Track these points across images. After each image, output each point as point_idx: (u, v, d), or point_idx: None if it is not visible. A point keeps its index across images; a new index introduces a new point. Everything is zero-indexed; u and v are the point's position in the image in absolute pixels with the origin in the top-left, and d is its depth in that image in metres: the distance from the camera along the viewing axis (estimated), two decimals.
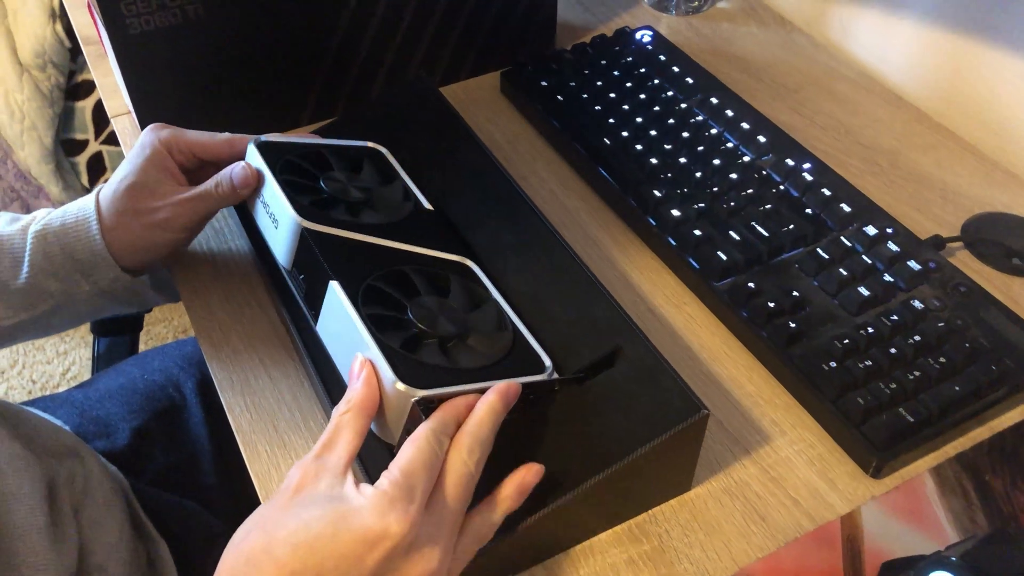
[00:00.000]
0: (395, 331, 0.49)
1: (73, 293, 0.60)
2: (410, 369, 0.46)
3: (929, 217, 0.72)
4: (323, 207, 0.58)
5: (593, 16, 0.95)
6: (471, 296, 0.55)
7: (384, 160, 0.65)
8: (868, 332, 0.60)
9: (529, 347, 0.53)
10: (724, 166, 0.72)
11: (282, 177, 0.58)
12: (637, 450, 0.49)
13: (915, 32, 0.84)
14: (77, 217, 0.59)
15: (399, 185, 0.63)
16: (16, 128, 1.41)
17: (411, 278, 0.54)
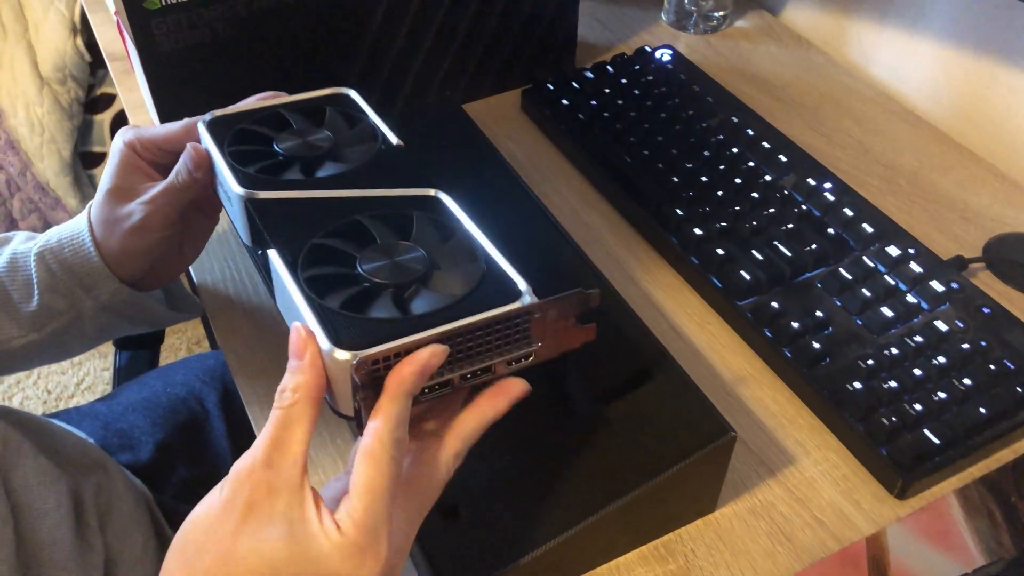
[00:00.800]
0: (341, 290, 0.44)
1: (79, 310, 0.58)
2: (351, 330, 0.41)
3: (950, 237, 0.72)
4: (274, 171, 0.53)
5: (612, 35, 0.96)
6: (439, 231, 0.48)
7: (351, 103, 0.59)
8: (892, 353, 0.60)
9: (502, 274, 0.45)
10: (745, 185, 0.72)
11: (231, 149, 0.54)
12: (665, 471, 0.49)
13: (934, 51, 0.85)
14: (71, 233, 0.58)
15: (365, 126, 0.57)
16: (36, 141, 1.42)
17: (366, 227, 0.48)
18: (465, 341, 0.42)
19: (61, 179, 1.46)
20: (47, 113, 1.40)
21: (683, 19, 0.97)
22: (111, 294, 0.58)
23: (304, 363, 0.39)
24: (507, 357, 0.44)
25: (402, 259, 0.45)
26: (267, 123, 0.57)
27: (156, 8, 0.66)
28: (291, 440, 0.38)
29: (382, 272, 0.44)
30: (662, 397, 0.52)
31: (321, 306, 0.42)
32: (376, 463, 0.38)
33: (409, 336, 0.40)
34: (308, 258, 0.45)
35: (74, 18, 1.38)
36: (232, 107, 0.58)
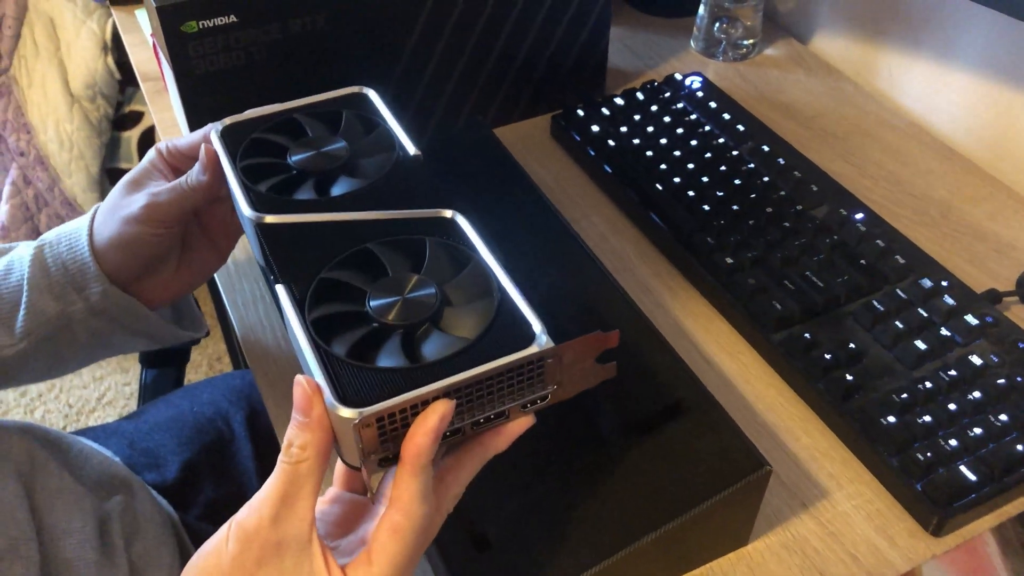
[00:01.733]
0: (349, 332, 0.42)
1: (70, 314, 0.56)
2: (357, 382, 0.39)
3: (983, 270, 0.72)
4: (286, 189, 0.51)
5: (642, 62, 0.96)
6: (452, 259, 0.46)
7: (368, 104, 0.58)
8: (926, 387, 0.59)
9: (516, 312, 0.43)
10: (777, 214, 0.72)
11: (244, 163, 0.53)
12: (700, 504, 0.49)
13: (965, 82, 0.84)
14: (72, 229, 0.57)
15: (381, 133, 0.55)
16: (65, 157, 1.44)
17: (377, 256, 0.46)
18: (477, 390, 0.40)
19: (88, 195, 1.47)
20: (77, 130, 1.42)
21: (712, 47, 0.97)
22: (101, 295, 0.56)
23: (312, 421, 0.38)
24: (521, 401, 0.42)
25: (413, 296, 0.43)
26: (281, 131, 0.55)
27: (193, 31, 0.67)
28: (299, 496, 0.38)
29: (392, 312, 0.42)
30: (696, 429, 0.52)
31: (327, 355, 0.40)
32: (402, 539, 0.38)
33: (417, 390, 0.39)
34: (315, 295, 0.44)
35: (106, 37, 1.40)
36: (247, 113, 0.57)
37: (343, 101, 0.58)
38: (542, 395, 0.42)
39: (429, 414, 0.38)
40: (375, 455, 0.39)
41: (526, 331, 0.41)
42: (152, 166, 0.57)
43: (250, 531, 0.38)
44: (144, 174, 0.57)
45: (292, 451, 0.38)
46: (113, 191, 0.56)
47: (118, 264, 0.56)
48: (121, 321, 0.58)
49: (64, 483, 0.60)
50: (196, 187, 0.55)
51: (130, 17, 1.00)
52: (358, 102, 0.58)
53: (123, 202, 0.55)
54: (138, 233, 0.54)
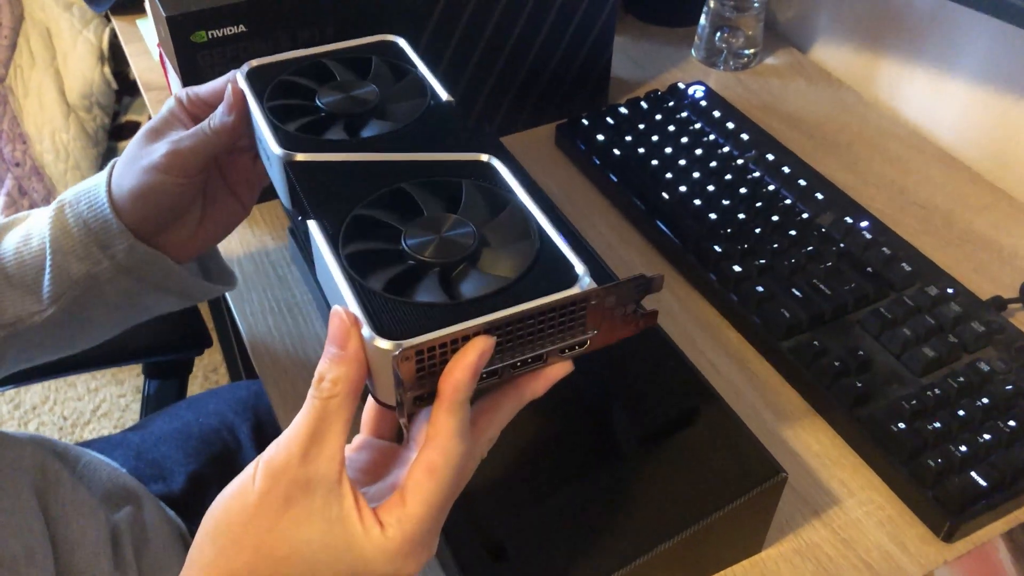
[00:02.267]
0: (385, 268, 0.41)
1: (96, 274, 0.54)
2: (395, 316, 0.38)
3: (987, 278, 0.72)
4: (316, 130, 0.50)
5: (644, 71, 0.97)
6: (489, 202, 0.45)
7: (399, 51, 0.57)
8: (935, 393, 0.60)
9: (558, 254, 0.42)
10: (783, 223, 0.73)
11: (271, 104, 0.51)
12: (716, 511, 0.49)
13: (965, 91, 0.85)
14: (91, 185, 0.54)
15: (413, 80, 0.54)
16: (60, 167, 1.43)
17: (411, 196, 0.45)
18: (517, 329, 0.39)
19: None
20: (73, 140, 1.41)
21: (713, 56, 0.97)
22: (127, 251, 0.53)
23: (347, 353, 0.37)
24: (560, 345, 0.41)
25: (450, 235, 0.42)
26: (309, 74, 0.54)
27: (202, 41, 0.67)
28: (329, 433, 0.37)
29: (429, 249, 0.41)
30: (711, 437, 0.52)
31: (364, 288, 0.39)
32: (438, 478, 0.37)
33: (457, 325, 0.37)
34: (350, 231, 0.43)
35: (103, 46, 1.39)
36: (274, 56, 0.55)
37: (372, 48, 0.57)
38: (581, 340, 0.41)
39: (468, 350, 0.37)
40: (411, 392, 0.38)
41: (568, 272, 0.41)
42: (172, 115, 0.55)
43: (278, 469, 0.37)
44: (164, 123, 0.54)
45: (323, 385, 0.37)
46: (132, 142, 0.54)
47: (141, 217, 0.53)
48: (149, 278, 0.56)
49: (77, 495, 0.59)
50: (220, 130, 0.52)
51: (131, 27, 1.00)
52: (388, 49, 0.57)
53: (143, 152, 0.53)
54: (161, 182, 0.52)
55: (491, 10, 0.77)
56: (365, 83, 0.53)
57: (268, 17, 0.68)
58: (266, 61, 0.54)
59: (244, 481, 0.38)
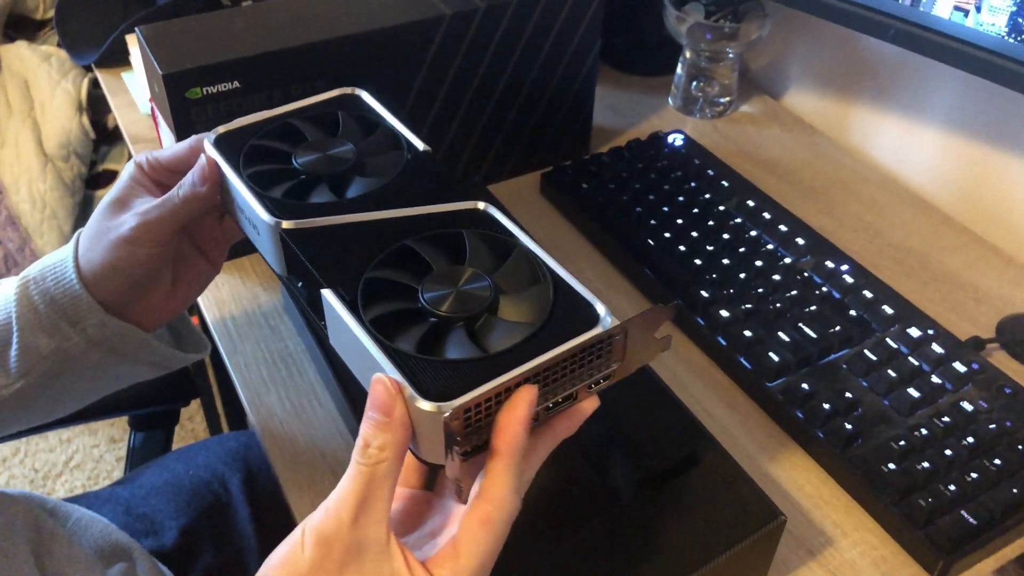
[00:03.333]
0: (410, 328, 0.41)
1: (66, 349, 0.53)
2: (433, 376, 0.39)
3: (964, 318, 0.75)
4: (300, 194, 0.50)
5: (623, 120, 0.99)
6: (493, 249, 0.46)
7: (362, 104, 0.57)
8: (922, 434, 0.61)
9: (575, 294, 0.43)
10: (766, 268, 0.75)
11: (249, 171, 0.51)
12: (717, 557, 0.50)
13: (935, 138, 0.88)
14: (56, 260, 0.53)
15: (385, 133, 0.54)
16: (37, 217, 1.42)
17: (418, 252, 0.46)
18: (551, 373, 0.40)
19: None
20: (49, 189, 1.41)
21: (690, 104, 1.00)
22: (97, 327, 0.53)
23: (393, 420, 0.37)
24: (588, 381, 0.42)
25: (466, 288, 0.43)
26: (280, 136, 0.54)
27: (197, 97, 0.68)
28: (378, 498, 0.38)
29: (448, 304, 0.42)
30: (710, 481, 0.53)
31: (396, 352, 0.40)
32: (493, 531, 0.38)
33: (499, 378, 0.38)
34: (366, 295, 0.43)
35: (81, 97, 1.40)
36: (238, 121, 0.55)
37: (335, 103, 0.57)
38: (606, 373, 0.43)
39: (518, 404, 0.38)
40: (459, 449, 0.38)
41: (589, 312, 0.42)
42: (134, 182, 0.54)
43: (329, 535, 0.37)
44: (127, 192, 0.54)
45: (370, 452, 0.38)
46: (95, 215, 0.54)
47: (111, 291, 0.53)
48: (122, 351, 0.55)
49: (71, 551, 0.59)
50: (190, 199, 0.52)
51: (116, 79, 1.01)
52: (351, 102, 0.57)
53: (110, 224, 0.52)
54: (132, 254, 0.52)
55: (478, 63, 0.79)
56: (339, 141, 0.53)
57: (262, 73, 0.69)
58: (233, 127, 0.54)
59: (292, 548, 0.38)
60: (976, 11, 0.65)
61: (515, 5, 0.77)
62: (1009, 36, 0.64)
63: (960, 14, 0.67)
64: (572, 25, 0.82)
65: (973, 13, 0.66)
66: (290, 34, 0.70)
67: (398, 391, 0.38)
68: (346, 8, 0.74)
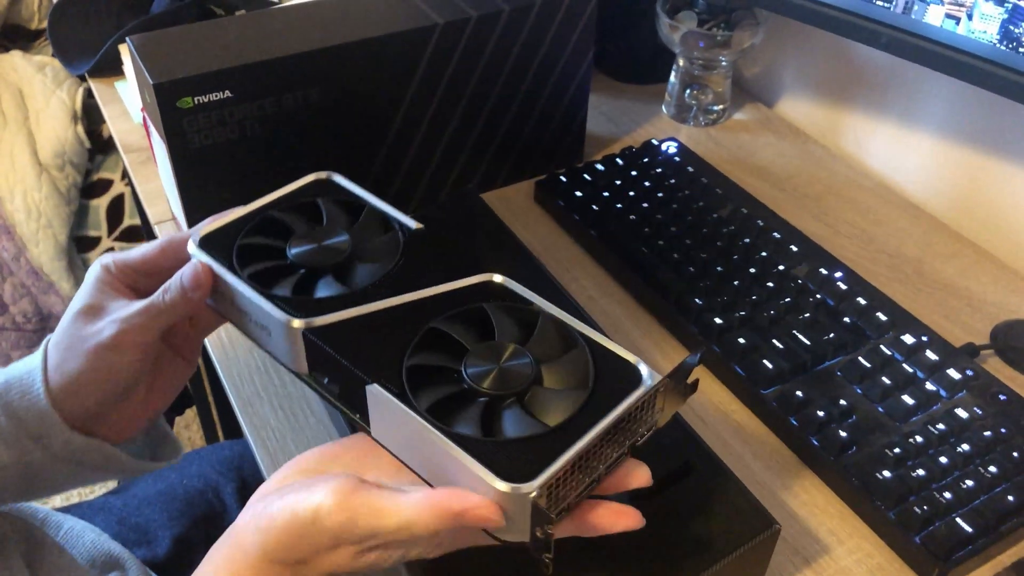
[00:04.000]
0: (466, 412, 0.42)
1: (28, 462, 0.50)
2: (508, 458, 0.40)
3: (958, 324, 0.75)
4: (308, 289, 0.49)
5: (617, 128, 0.99)
6: (519, 319, 0.47)
7: (338, 188, 0.56)
8: (917, 441, 0.61)
9: (609, 355, 0.45)
10: (760, 275, 0.75)
11: (247, 272, 0.50)
12: (713, 566, 0.50)
13: (928, 145, 0.89)
14: (23, 371, 0.50)
15: (373, 214, 0.54)
16: (32, 226, 1.42)
17: (447, 334, 0.46)
18: (609, 436, 0.42)
19: (56, 264, 1.45)
20: (45, 199, 1.41)
21: (684, 112, 1.00)
22: (62, 444, 0.50)
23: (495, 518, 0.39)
24: (638, 435, 0.44)
25: (509, 364, 0.44)
26: (266, 232, 0.52)
27: (188, 107, 0.68)
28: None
29: (490, 381, 0.43)
30: (705, 491, 0.53)
31: (463, 438, 0.41)
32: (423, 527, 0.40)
33: (570, 450, 0.40)
34: (413, 384, 0.43)
35: (76, 106, 1.40)
36: (216, 219, 0.53)
37: (310, 189, 0.56)
38: (651, 425, 0.44)
39: (620, 520, 0.42)
40: (547, 525, 0.39)
41: (630, 370, 0.44)
42: (104, 286, 0.51)
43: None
44: (98, 296, 0.50)
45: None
46: (64, 323, 0.50)
47: (84, 402, 0.50)
48: (89, 464, 0.52)
49: (64, 561, 0.59)
50: (178, 305, 0.49)
51: (109, 88, 1.01)
52: (325, 186, 0.56)
53: (85, 332, 0.49)
54: (112, 363, 0.49)
55: (470, 72, 0.79)
56: (330, 230, 0.52)
57: (254, 83, 0.69)
58: (213, 227, 0.52)
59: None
60: (968, 18, 0.66)
61: (508, 13, 0.77)
62: (1001, 43, 0.64)
63: (952, 22, 0.67)
64: (565, 33, 0.82)
65: (964, 20, 0.66)
66: (282, 43, 0.70)
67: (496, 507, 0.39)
68: (338, 17, 0.74)
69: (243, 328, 0.51)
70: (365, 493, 0.40)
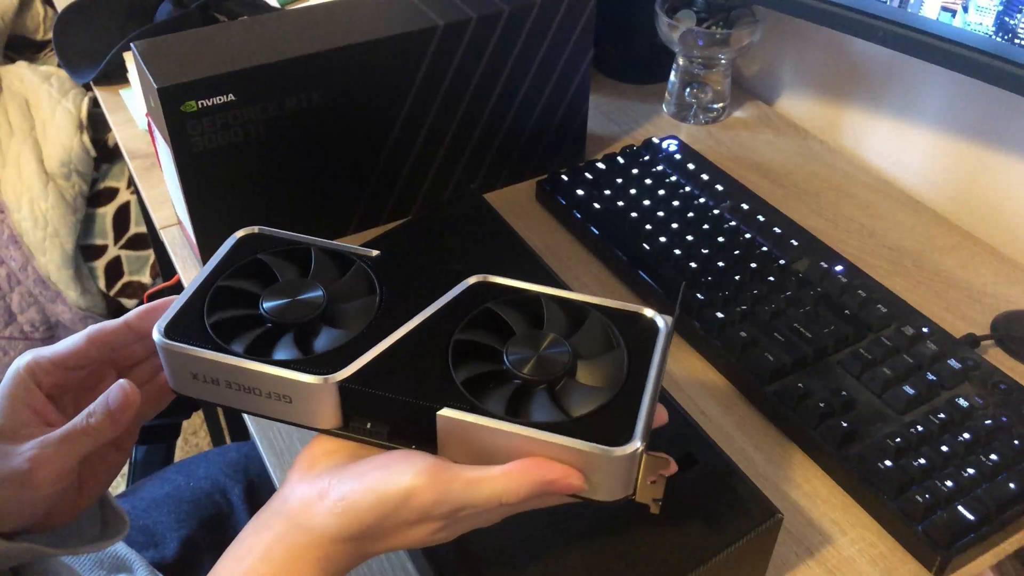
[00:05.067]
0: (530, 403, 0.45)
1: None
2: (596, 427, 0.43)
3: (958, 316, 0.75)
4: (309, 345, 0.47)
5: (618, 127, 1.00)
6: (526, 312, 0.49)
7: (267, 240, 0.53)
8: (918, 431, 0.62)
9: (621, 313, 0.49)
10: (761, 270, 0.75)
11: (238, 347, 0.47)
12: (717, 555, 0.50)
13: (927, 139, 0.89)
14: None
15: (326, 258, 0.52)
16: (39, 235, 1.43)
17: (475, 343, 0.47)
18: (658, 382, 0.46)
19: (63, 272, 1.47)
20: (51, 208, 1.42)
21: (684, 111, 1.01)
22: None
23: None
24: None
25: (546, 352, 0.46)
26: (230, 304, 0.49)
27: (192, 111, 0.69)
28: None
29: (540, 369, 0.45)
30: (708, 482, 0.53)
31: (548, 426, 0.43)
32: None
33: (642, 406, 0.44)
34: (479, 394, 0.45)
35: (81, 115, 1.41)
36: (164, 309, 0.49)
37: (244, 249, 0.52)
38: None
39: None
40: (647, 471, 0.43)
41: (645, 321, 0.50)
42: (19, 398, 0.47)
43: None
44: (12, 414, 0.46)
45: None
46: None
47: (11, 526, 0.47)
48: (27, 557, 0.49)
49: (71, 563, 0.59)
50: (102, 428, 0.46)
51: (114, 96, 1.02)
52: (259, 242, 0.53)
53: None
54: (29, 496, 0.45)
55: (471, 73, 0.79)
56: (296, 283, 0.50)
57: (256, 86, 0.70)
58: (170, 315, 0.48)
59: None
60: (963, 11, 0.66)
61: (508, 14, 0.78)
62: (996, 35, 0.65)
63: (948, 15, 0.67)
64: (565, 34, 0.82)
65: (960, 13, 0.66)
66: (284, 47, 0.71)
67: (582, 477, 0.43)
68: (340, 20, 0.75)
69: (243, 405, 0.47)
70: (455, 470, 0.42)
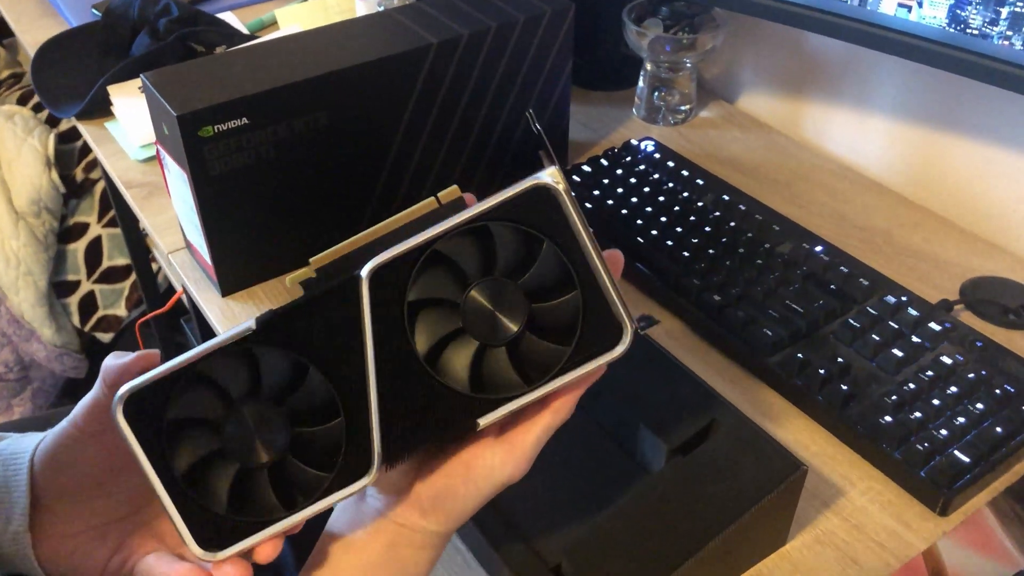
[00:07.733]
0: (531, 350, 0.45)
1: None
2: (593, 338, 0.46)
3: (930, 285, 0.82)
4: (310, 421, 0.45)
5: (594, 132, 1.05)
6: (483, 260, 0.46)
7: (145, 390, 0.44)
8: (910, 388, 0.68)
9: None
10: (748, 254, 0.81)
11: (234, 503, 0.46)
12: (750, 509, 0.55)
13: (884, 126, 0.96)
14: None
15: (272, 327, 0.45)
16: (11, 275, 1.43)
17: (442, 340, 0.46)
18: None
19: (37, 310, 1.46)
20: (23, 246, 1.42)
21: (653, 113, 1.06)
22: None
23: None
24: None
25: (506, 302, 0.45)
26: (183, 459, 0.45)
27: (209, 135, 0.72)
28: None
29: (509, 320, 0.46)
30: (733, 443, 0.58)
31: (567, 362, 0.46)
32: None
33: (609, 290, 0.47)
34: (480, 381, 0.46)
35: (48, 152, 1.41)
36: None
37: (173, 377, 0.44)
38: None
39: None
40: None
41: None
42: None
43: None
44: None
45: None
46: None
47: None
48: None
49: None
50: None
51: (100, 129, 1.03)
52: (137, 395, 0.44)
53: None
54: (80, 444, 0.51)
55: (463, 87, 0.84)
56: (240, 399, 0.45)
57: (268, 110, 0.73)
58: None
59: None
60: (918, 6, 0.73)
61: (494, 31, 0.82)
62: (949, 26, 0.72)
63: (904, 10, 0.74)
64: (547, 46, 0.87)
65: (916, 8, 0.73)
66: (291, 71, 0.75)
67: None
68: (338, 43, 0.79)
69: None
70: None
